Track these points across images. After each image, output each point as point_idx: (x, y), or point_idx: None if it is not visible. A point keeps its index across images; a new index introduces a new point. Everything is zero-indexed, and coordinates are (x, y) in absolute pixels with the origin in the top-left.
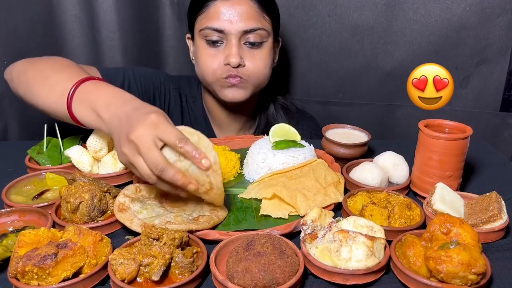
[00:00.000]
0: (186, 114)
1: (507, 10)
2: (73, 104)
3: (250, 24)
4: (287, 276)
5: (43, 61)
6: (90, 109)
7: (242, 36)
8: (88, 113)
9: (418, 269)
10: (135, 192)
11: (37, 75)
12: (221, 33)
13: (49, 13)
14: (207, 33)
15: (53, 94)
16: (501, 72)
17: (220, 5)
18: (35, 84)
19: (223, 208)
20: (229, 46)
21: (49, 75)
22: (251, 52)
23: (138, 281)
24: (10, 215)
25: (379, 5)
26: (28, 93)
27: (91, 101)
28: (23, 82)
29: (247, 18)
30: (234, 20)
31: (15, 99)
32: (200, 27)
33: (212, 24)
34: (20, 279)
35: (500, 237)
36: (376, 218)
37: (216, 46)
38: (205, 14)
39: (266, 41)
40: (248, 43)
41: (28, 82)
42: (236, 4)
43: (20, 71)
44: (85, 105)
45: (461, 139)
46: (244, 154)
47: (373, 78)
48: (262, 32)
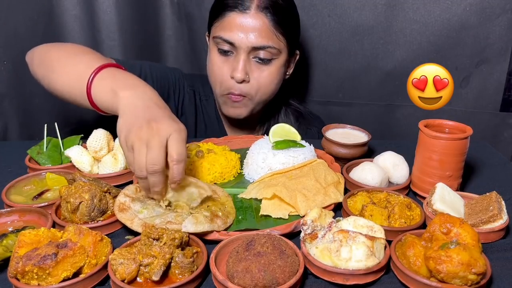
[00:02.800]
0: (199, 112)
1: (507, 10)
2: (95, 79)
3: (261, 41)
4: (287, 276)
5: (68, 44)
6: (109, 87)
7: (252, 52)
8: (106, 90)
9: (418, 269)
10: (136, 192)
11: (62, 54)
12: (231, 45)
13: (49, 13)
14: (219, 41)
15: (76, 71)
16: (501, 72)
17: (235, 17)
18: (58, 61)
19: (231, 213)
20: (237, 59)
21: (75, 55)
22: (259, 68)
23: (138, 281)
24: (10, 215)
25: (379, 5)
26: (49, 72)
27: (113, 80)
28: (46, 60)
29: (259, 35)
30: (246, 35)
31: (15, 99)
32: (214, 34)
33: (224, 35)
34: (20, 279)
35: (500, 237)
36: (376, 218)
37: (226, 56)
38: (220, 22)
39: (276, 58)
40: (258, 59)
41: (52, 60)
42: (250, 18)
43: (43, 51)
44: (106, 82)
45: (461, 139)
46: (244, 154)
47: (373, 78)
48: (272, 50)
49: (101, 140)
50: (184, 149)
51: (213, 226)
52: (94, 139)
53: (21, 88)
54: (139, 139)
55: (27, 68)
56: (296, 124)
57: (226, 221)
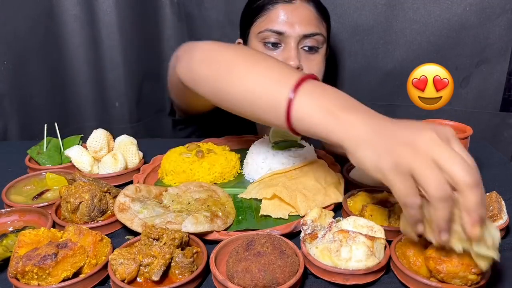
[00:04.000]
0: None
1: (507, 10)
2: (298, 94)
3: (310, 29)
4: (287, 276)
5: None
6: (321, 106)
7: (301, 40)
8: (316, 109)
9: (418, 269)
10: (136, 192)
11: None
12: (280, 35)
13: (49, 13)
14: (266, 35)
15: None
16: (501, 72)
17: (281, 9)
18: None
19: (231, 213)
20: (288, 49)
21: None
22: (308, 57)
23: (138, 281)
24: (10, 215)
25: (379, 5)
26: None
27: (324, 97)
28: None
29: (307, 23)
30: (294, 23)
31: (15, 99)
32: (259, 29)
33: (273, 27)
34: (20, 279)
35: (500, 237)
36: (376, 218)
37: (273, 49)
38: (265, 17)
39: (322, 47)
40: (306, 48)
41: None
42: (296, 9)
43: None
44: (314, 99)
45: (461, 139)
46: (244, 154)
47: (373, 78)
48: (319, 38)
49: (101, 140)
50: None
51: (213, 226)
52: (94, 139)
53: (21, 88)
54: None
55: (27, 68)
56: None
57: (226, 221)
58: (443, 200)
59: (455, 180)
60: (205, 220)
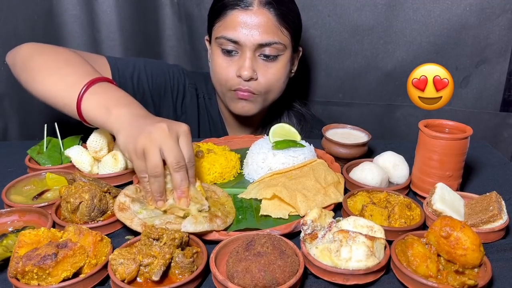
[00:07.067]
0: (202, 111)
1: (507, 10)
2: (86, 93)
3: (266, 38)
4: (287, 276)
5: (53, 51)
6: (101, 103)
7: (257, 49)
8: (98, 106)
9: (418, 269)
10: (136, 192)
11: (47, 64)
12: (236, 44)
13: (49, 13)
14: (222, 42)
15: (63, 83)
16: (501, 72)
17: (237, 15)
18: (42, 70)
19: (231, 213)
20: (243, 58)
21: (62, 67)
22: (266, 65)
23: (138, 281)
24: (10, 215)
25: (379, 5)
26: (31, 79)
27: (106, 96)
28: (29, 68)
29: (264, 31)
30: (250, 32)
31: (15, 99)
32: (216, 34)
33: (228, 34)
34: (20, 279)
35: (500, 237)
36: (376, 218)
37: (230, 56)
38: (222, 22)
39: (282, 54)
40: (263, 56)
41: (35, 69)
42: (254, 15)
43: (26, 56)
44: (98, 97)
45: (461, 139)
46: (244, 154)
47: (373, 78)
48: (278, 46)
49: (101, 140)
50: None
51: (213, 226)
52: (94, 139)
53: (21, 88)
54: (150, 142)
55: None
56: (298, 127)
57: (226, 221)
58: (155, 176)
59: (167, 164)
60: (204, 220)
